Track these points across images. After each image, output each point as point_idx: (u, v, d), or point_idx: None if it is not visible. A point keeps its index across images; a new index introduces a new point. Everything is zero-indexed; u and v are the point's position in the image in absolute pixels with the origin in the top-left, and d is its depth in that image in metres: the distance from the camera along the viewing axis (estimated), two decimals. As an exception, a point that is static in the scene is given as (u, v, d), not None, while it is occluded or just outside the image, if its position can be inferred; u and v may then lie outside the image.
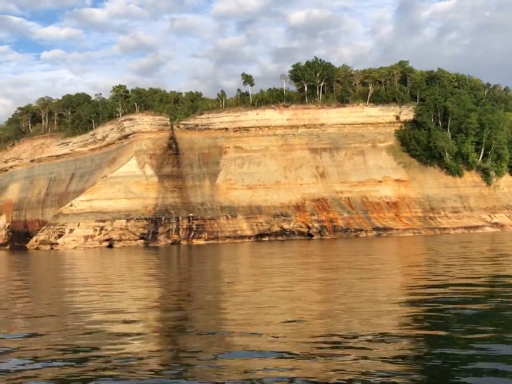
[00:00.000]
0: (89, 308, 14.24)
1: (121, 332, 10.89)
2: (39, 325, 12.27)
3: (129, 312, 13.66)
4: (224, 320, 12.07)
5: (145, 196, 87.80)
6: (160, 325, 11.93)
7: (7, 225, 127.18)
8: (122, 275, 26.77)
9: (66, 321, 12.60)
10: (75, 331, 11.18)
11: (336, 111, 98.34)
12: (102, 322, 12.03)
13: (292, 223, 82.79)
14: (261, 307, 13.34)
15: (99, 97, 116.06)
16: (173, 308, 14.40)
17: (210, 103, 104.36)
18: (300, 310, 12.93)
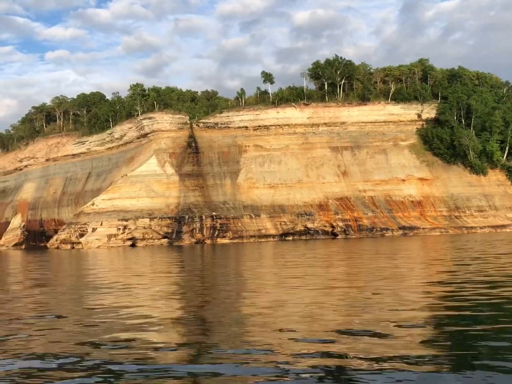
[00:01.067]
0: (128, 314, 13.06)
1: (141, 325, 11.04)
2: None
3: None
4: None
5: (166, 195, 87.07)
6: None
7: (22, 224, 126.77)
8: (159, 275, 25.90)
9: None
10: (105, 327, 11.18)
11: (357, 109, 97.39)
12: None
13: (316, 222, 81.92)
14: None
15: (116, 96, 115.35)
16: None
17: (230, 102, 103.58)
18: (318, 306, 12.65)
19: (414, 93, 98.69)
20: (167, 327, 10.99)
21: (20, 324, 11.81)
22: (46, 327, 11.35)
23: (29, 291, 19.36)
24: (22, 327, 11.48)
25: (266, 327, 10.38)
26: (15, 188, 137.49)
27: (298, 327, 10.19)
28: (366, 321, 10.45)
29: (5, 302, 16.32)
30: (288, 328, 10.15)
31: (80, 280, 24.58)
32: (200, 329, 10.69)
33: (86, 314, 13.14)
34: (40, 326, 11.42)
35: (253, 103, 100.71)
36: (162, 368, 7.67)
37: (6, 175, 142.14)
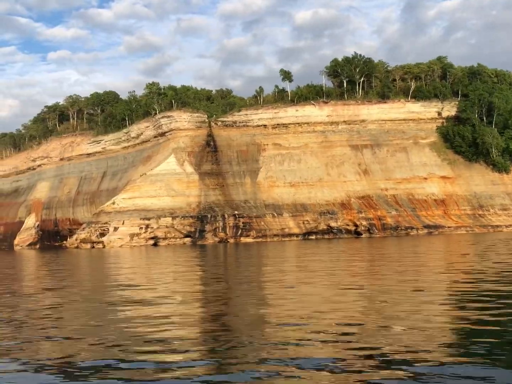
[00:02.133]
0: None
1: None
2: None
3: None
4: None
5: (187, 194, 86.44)
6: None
7: (37, 224, 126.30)
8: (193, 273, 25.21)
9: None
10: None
11: (377, 107, 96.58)
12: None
13: (339, 221, 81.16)
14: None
15: (132, 95, 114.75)
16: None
17: (248, 100, 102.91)
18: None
19: (434, 91, 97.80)
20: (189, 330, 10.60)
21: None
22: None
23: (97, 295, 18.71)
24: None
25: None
26: (27, 187, 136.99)
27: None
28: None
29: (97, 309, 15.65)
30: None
31: (133, 288, 23.91)
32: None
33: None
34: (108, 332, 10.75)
35: (271, 102, 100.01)
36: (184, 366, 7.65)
37: (19, 175, 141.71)
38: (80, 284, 22.54)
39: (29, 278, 27.81)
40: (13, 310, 14.62)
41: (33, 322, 12.18)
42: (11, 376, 7.66)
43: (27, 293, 18.69)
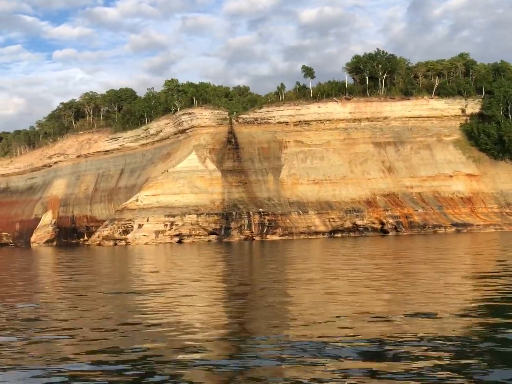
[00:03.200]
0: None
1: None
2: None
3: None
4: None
5: (210, 191, 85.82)
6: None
7: (53, 221, 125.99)
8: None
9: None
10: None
11: (400, 104, 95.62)
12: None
13: (365, 219, 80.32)
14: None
15: (151, 92, 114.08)
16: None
17: (269, 97, 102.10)
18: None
19: (457, 88, 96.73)
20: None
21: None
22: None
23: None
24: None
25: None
26: (43, 184, 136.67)
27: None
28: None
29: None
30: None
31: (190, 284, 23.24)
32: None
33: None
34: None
35: (292, 98, 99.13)
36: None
37: (34, 172, 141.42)
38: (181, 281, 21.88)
39: (114, 277, 27.18)
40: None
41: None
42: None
43: (147, 290, 18.01)
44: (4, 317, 12.31)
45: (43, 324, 11.24)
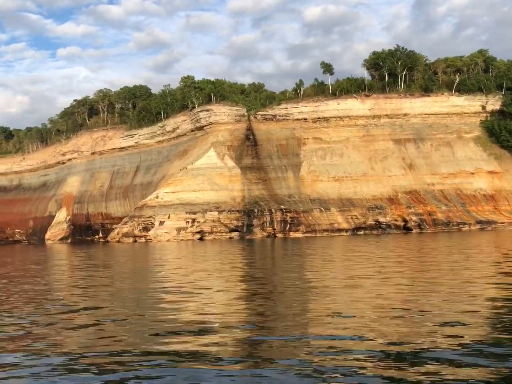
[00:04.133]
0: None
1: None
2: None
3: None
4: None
5: (230, 188, 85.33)
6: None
7: (68, 218, 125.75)
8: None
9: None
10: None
11: (420, 101, 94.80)
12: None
13: (388, 216, 79.64)
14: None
15: (167, 88, 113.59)
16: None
17: (287, 93, 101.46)
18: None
19: (478, 84, 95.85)
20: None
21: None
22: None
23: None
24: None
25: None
26: (56, 182, 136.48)
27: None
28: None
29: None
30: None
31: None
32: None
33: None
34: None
35: (311, 95, 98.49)
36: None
37: (47, 169, 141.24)
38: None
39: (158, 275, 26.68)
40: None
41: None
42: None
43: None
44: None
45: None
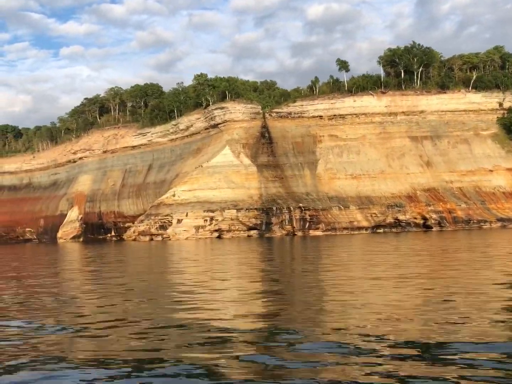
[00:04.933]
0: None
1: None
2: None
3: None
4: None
5: (247, 186, 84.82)
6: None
7: (80, 216, 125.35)
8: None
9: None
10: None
11: (436, 98, 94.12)
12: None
13: (408, 214, 79.00)
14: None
15: (180, 86, 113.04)
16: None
17: (303, 91, 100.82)
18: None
19: (495, 81, 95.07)
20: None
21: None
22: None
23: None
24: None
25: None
26: (67, 180, 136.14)
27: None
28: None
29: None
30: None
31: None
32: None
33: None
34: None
35: (326, 92, 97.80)
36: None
37: (57, 168, 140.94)
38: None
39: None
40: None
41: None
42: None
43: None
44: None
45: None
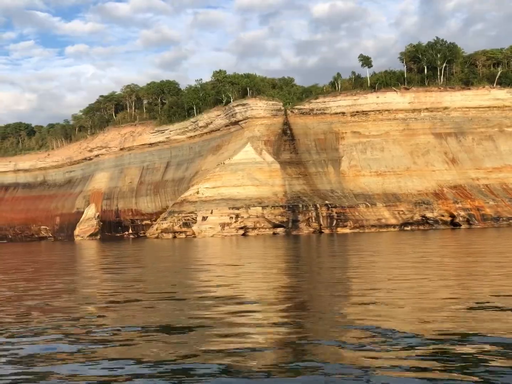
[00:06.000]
0: None
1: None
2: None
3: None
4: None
5: (270, 183, 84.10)
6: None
7: (97, 214, 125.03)
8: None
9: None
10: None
11: (460, 94, 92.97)
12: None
13: (435, 212, 78.06)
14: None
15: (199, 83, 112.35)
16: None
17: (325, 87, 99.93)
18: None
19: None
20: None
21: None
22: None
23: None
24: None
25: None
26: (83, 178, 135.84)
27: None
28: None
29: None
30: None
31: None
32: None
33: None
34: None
35: (348, 88, 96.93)
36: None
37: (72, 165, 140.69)
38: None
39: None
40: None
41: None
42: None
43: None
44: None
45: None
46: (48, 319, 10.77)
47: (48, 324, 10.21)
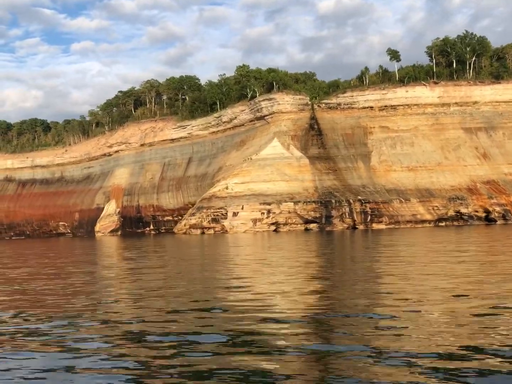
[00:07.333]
0: None
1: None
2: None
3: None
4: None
5: (300, 179, 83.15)
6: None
7: (118, 210, 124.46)
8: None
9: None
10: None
11: (490, 88, 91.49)
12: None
13: (470, 207, 76.91)
14: None
15: (223, 78, 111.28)
16: None
17: (352, 81, 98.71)
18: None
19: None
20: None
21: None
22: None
23: None
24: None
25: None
26: (102, 174, 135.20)
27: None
28: None
29: None
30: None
31: None
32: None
33: None
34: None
35: (376, 82, 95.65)
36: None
37: (91, 161, 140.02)
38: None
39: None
40: None
41: None
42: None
43: None
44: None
45: None
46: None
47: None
